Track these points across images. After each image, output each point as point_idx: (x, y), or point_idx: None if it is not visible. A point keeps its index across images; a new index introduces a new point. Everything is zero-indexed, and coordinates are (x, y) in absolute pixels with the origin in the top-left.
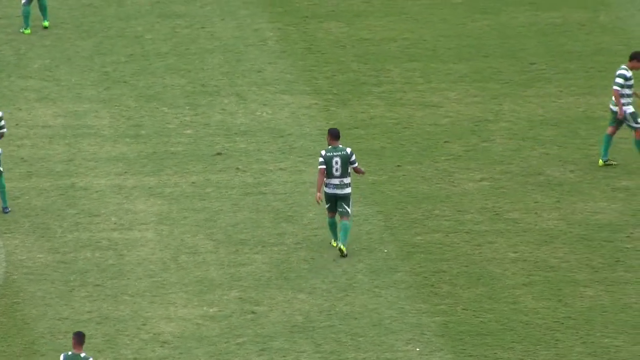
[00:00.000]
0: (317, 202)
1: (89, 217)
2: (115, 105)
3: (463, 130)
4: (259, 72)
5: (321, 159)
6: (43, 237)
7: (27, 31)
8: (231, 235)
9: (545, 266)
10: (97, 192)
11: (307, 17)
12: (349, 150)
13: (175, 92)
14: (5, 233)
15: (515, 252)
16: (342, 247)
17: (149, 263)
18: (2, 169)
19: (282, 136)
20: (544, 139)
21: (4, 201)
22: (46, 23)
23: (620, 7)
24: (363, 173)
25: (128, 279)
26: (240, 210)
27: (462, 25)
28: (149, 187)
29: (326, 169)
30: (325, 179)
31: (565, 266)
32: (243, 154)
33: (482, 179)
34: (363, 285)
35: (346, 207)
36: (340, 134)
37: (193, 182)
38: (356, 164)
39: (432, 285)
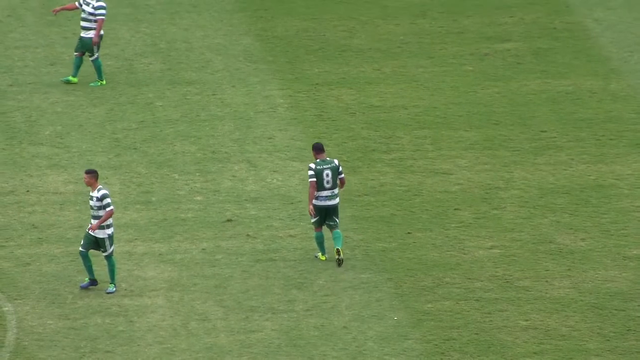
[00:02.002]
0: (310, 214)
1: (100, 283)
2: (126, 172)
3: (473, 198)
4: (269, 138)
5: (311, 172)
6: (54, 303)
7: (103, 82)
8: (241, 301)
9: (556, 335)
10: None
11: (317, 84)
12: (336, 161)
13: (185, 158)
14: (16, 299)
15: (526, 320)
16: (339, 248)
17: (159, 329)
18: None
19: (292, 203)
20: (555, 207)
21: None
22: (103, 82)
23: (631, 75)
24: (344, 184)
25: (138, 345)
26: (251, 277)
27: (473, 93)
28: (159, 254)
29: (317, 181)
30: (316, 192)
31: (577, 335)
32: (253, 221)
33: (492, 247)
34: (373, 352)
35: (336, 219)
36: (325, 147)
37: (203, 249)
38: (343, 175)
39: (443, 353)
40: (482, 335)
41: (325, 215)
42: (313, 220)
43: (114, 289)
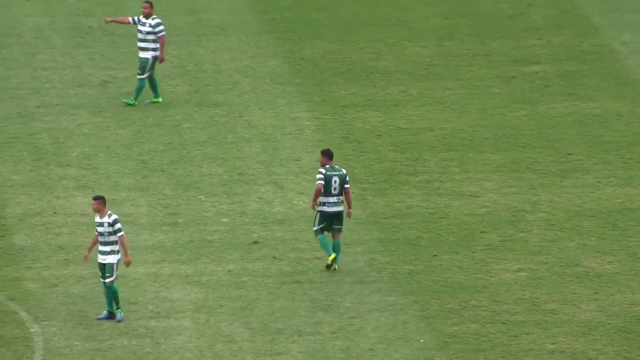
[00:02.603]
0: (312, 208)
1: (127, 304)
2: (153, 194)
3: (500, 221)
4: (296, 160)
5: (321, 176)
6: (80, 324)
7: (135, 103)
8: (267, 323)
9: (583, 358)
10: (134, 280)
11: (344, 106)
12: (344, 171)
13: (212, 180)
14: (42, 320)
15: (553, 344)
16: (335, 257)
17: (186, 351)
18: None
19: None
20: (582, 230)
21: None
22: (135, 103)
23: None
24: (350, 200)
25: None
26: (277, 299)
27: (500, 115)
28: (186, 275)
29: (325, 187)
30: (322, 197)
31: (604, 358)
32: (280, 243)
33: (519, 270)
34: None
35: (341, 224)
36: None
37: (230, 271)
38: (348, 186)
39: None
40: (508, 359)
41: (332, 222)
42: (316, 227)
43: (122, 316)
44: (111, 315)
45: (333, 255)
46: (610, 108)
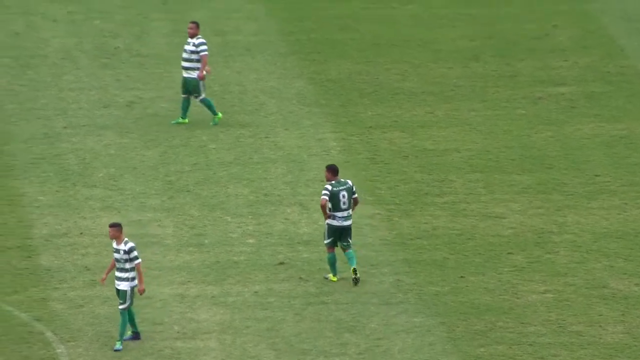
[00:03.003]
0: (325, 217)
1: (152, 325)
2: (179, 214)
3: (526, 242)
4: (322, 181)
5: (326, 192)
6: (106, 345)
7: (219, 116)
8: (293, 344)
9: None
10: (160, 300)
11: (370, 127)
12: (350, 182)
13: (238, 201)
14: (69, 341)
15: None
16: (355, 268)
17: None
18: None
19: None
20: (609, 252)
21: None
22: (186, 120)
23: None
24: (357, 203)
25: None
26: (303, 320)
27: (526, 137)
28: (212, 296)
29: (333, 202)
30: (330, 212)
31: None
32: (305, 264)
33: (545, 291)
34: None
35: (349, 239)
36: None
37: (256, 292)
38: (356, 195)
39: None
40: None
41: (340, 236)
42: (327, 240)
43: (121, 347)
44: (136, 336)
45: (336, 278)
46: (636, 129)
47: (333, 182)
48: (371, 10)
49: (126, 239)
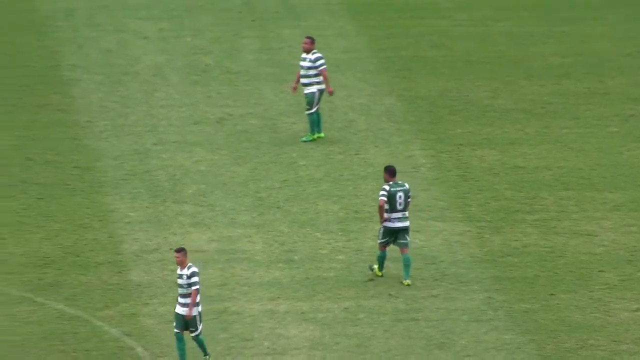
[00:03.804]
0: (381, 224)
1: (242, 341)
2: (269, 231)
3: (619, 260)
4: (413, 198)
5: (384, 192)
6: (195, 359)
7: (314, 137)
8: None
9: None
10: (250, 316)
11: (460, 144)
12: (407, 185)
13: (328, 217)
14: (159, 357)
15: None
16: (407, 282)
17: None
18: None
19: (434, 263)
20: None
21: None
22: (314, 136)
23: None
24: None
25: None
26: (392, 337)
27: (618, 154)
28: (302, 312)
29: (390, 203)
30: (386, 214)
31: None
32: (395, 280)
33: (638, 309)
34: None
35: (407, 237)
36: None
37: (345, 308)
38: (410, 199)
39: None
40: None
41: (396, 237)
42: (381, 240)
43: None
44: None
45: (407, 282)
46: None
47: (391, 182)
48: (463, 28)
49: (190, 264)
